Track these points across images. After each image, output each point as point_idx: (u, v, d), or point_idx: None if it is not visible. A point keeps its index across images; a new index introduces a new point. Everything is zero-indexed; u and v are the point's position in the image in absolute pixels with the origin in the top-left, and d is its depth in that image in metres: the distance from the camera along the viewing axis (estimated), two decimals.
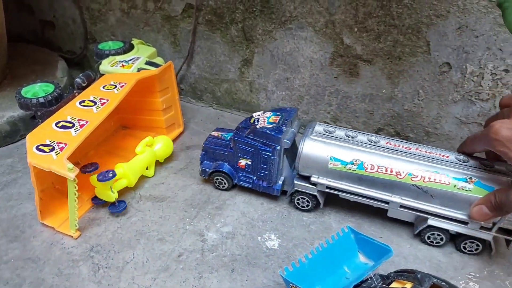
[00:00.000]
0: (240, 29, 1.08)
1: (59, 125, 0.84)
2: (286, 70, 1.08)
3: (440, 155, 0.77)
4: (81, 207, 0.88)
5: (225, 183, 0.92)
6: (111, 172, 0.85)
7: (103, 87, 0.95)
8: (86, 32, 1.33)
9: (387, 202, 0.79)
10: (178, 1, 1.12)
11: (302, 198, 0.86)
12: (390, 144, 0.79)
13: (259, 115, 0.89)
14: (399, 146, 0.79)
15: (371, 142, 0.80)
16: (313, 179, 0.82)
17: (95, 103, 0.90)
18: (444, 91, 0.92)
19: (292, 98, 1.12)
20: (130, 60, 1.08)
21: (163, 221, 0.86)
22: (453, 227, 0.76)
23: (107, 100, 0.90)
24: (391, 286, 0.57)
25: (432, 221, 0.77)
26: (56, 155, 0.76)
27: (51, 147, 0.78)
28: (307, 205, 0.87)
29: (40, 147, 0.79)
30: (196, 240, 0.82)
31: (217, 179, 0.92)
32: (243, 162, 0.88)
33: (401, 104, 0.98)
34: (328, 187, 0.82)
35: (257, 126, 0.84)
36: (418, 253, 0.80)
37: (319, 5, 0.95)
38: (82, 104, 0.90)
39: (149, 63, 1.07)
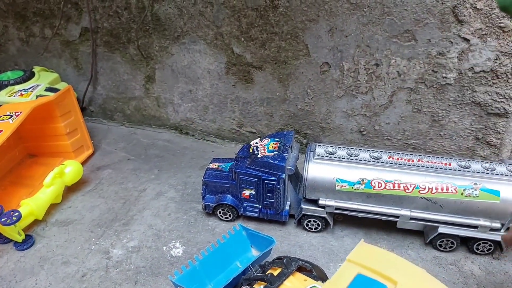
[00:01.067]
0: (137, 47, 1.11)
1: None
2: (188, 83, 1.12)
3: (442, 163, 0.79)
4: None
5: (229, 215, 0.90)
6: (15, 214, 0.83)
7: None
8: None
9: (397, 216, 0.81)
10: (74, 26, 1.13)
11: (313, 221, 0.86)
12: (392, 158, 0.81)
13: (257, 143, 0.87)
14: (401, 159, 0.80)
15: (373, 158, 0.81)
16: (321, 202, 0.82)
17: None
18: (328, 89, 1.00)
19: (198, 108, 1.16)
20: (30, 88, 1.08)
21: (68, 244, 0.86)
22: (463, 232, 0.78)
23: (1, 131, 0.90)
24: (267, 272, 0.61)
25: (442, 229, 0.79)
26: None
27: None
28: (316, 228, 0.87)
29: None
30: (101, 259, 0.83)
31: (220, 212, 0.90)
32: (247, 192, 0.86)
33: (295, 105, 1.05)
34: (336, 208, 0.83)
35: (258, 156, 0.83)
36: (313, 240, 0.86)
37: (206, 19, 1.00)
38: None
39: (49, 89, 1.08)
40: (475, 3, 0.81)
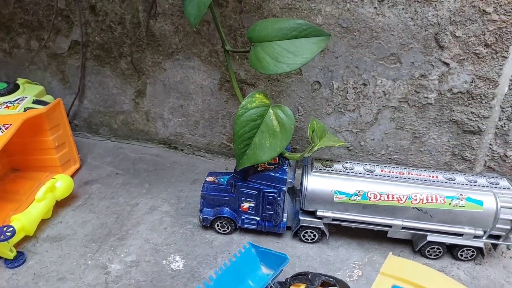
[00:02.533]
0: (129, 62, 1.11)
1: None
2: (179, 98, 1.14)
3: (430, 176, 0.86)
4: None
5: (227, 227, 0.91)
6: (10, 230, 0.80)
7: None
8: None
9: (390, 226, 0.86)
10: (64, 39, 1.12)
11: (310, 232, 0.89)
12: (385, 171, 0.87)
13: None
14: (393, 172, 0.86)
15: (367, 171, 0.86)
16: (319, 213, 0.86)
17: None
18: (318, 106, 1.05)
19: (188, 123, 1.17)
20: (16, 100, 1.05)
21: (63, 260, 0.84)
22: (450, 240, 0.84)
23: None
24: None
25: (431, 237, 0.84)
26: None
27: None
28: (312, 239, 0.89)
29: None
30: (99, 274, 0.81)
31: (217, 225, 0.91)
32: (246, 205, 0.88)
33: None
34: (334, 219, 0.86)
35: (259, 169, 0.85)
36: (310, 251, 0.89)
37: (202, 37, 1.03)
38: None
39: (37, 101, 1.05)
40: (455, 31, 0.89)
